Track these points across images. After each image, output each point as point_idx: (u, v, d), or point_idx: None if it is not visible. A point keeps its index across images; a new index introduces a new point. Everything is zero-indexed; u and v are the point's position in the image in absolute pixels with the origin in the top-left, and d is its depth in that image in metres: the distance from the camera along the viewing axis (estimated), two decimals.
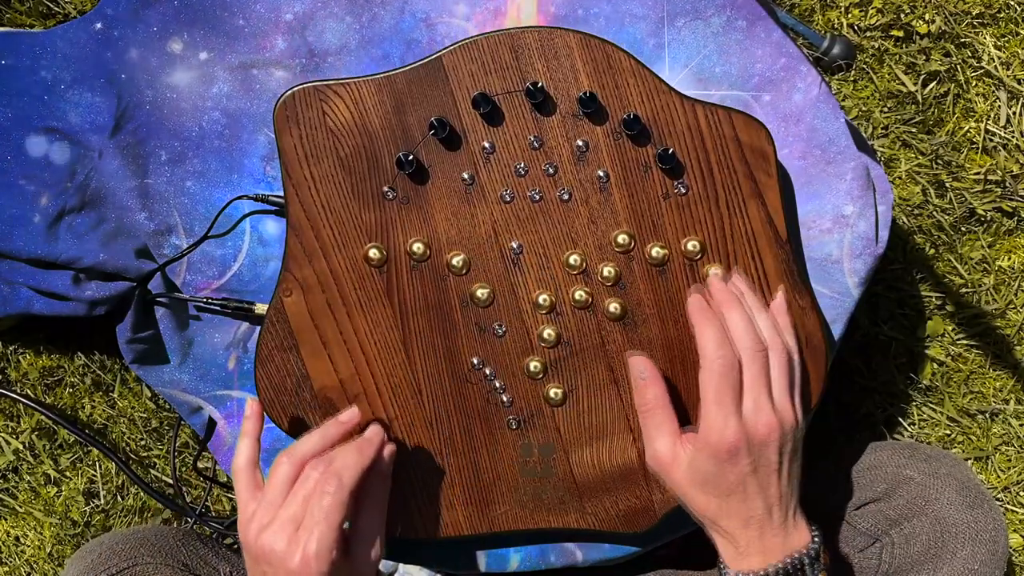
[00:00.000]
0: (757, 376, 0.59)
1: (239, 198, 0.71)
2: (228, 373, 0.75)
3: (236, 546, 0.83)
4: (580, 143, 0.62)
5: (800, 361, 0.63)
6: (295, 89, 0.62)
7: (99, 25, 0.71)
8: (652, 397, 0.63)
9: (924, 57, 1.02)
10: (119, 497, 1.02)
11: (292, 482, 0.60)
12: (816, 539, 0.61)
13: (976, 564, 0.68)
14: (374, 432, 0.64)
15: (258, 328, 0.74)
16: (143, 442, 1.01)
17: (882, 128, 1.02)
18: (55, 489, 1.02)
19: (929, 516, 0.70)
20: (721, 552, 0.62)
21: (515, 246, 0.64)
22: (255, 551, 0.59)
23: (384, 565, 0.91)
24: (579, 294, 0.64)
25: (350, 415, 0.64)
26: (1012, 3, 1.01)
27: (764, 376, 0.60)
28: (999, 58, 1.01)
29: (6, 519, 1.03)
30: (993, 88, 1.01)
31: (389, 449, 0.64)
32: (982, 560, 0.69)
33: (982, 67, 1.01)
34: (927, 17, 1.02)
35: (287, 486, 0.60)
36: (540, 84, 0.60)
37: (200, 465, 1.00)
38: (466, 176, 0.63)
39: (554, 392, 0.66)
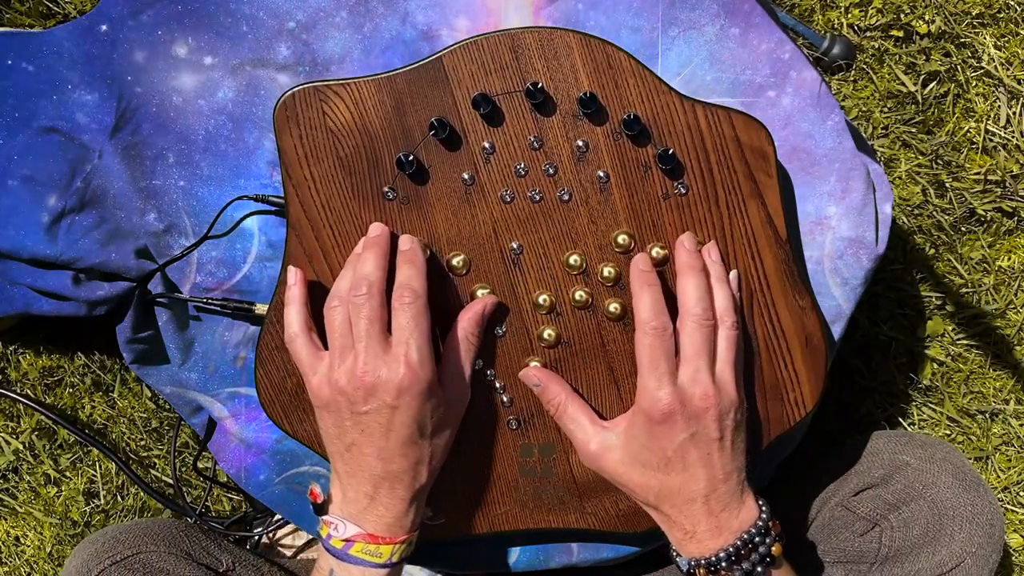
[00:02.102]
0: (700, 346, 0.59)
1: (239, 198, 0.71)
2: (236, 371, 0.75)
3: (235, 541, 0.83)
4: (580, 143, 0.62)
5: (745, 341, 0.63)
6: (295, 89, 0.62)
7: (99, 25, 0.71)
8: (555, 394, 0.64)
9: (924, 57, 1.02)
10: (119, 497, 1.02)
11: (351, 322, 0.59)
12: (764, 512, 0.60)
13: (974, 547, 0.69)
14: (409, 241, 0.62)
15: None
16: (143, 442, 1.01)
17: (882, 128, 1.02)
18: (55, 489, 1.02)
19: (927, 500, 0.71)
20: (670, 539, 0.61)
21: (515, 246, 0.64)
22: (355, 395, 0.58)
23: None
24: (579, 294, 0.64)
25: (376, 230, 0.62)
26: (1012, 3, 1.01)
27: (707, 348, 0.59)
28: (999, 58, 1.01)
29: (6, 519, 1.03)
30: (993, 88, 1.01)
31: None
32: (979, 542, 0.69)
33: (982, 67, 1.01)
34: (927, 17, 1.02)
35: (349, 326, 0.59)
36: (540, 84, 0.60)
37: (200, 465, 1.00)
38: (466, 176, 0.63)
39: None
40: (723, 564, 0.59)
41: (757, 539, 0.59)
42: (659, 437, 0.59)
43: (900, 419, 1.02)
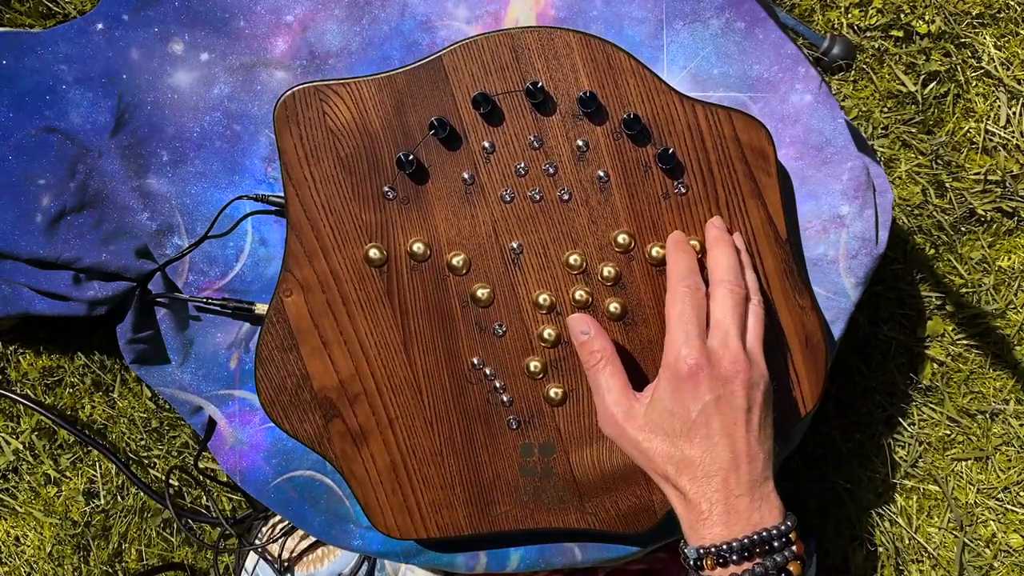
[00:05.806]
0: (730, 312, 0.57)
1: (239, 198, 0.71)
2: (230, 373, 0.75)
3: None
4: (580, 143, 0.62)
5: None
6: (295, 89, 0.62)
7: (99, 25, 0.71)
8: (600, 347, 0.60)
9: (924, 57, 1.02)
10: (119, 497, 1.02)
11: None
12: (790, 521, 0.55)
13: None
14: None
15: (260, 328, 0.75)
16: (143, 442, 1.01)
17: (882, 128, 1.02)
18: (55, 489, 1.02)
19: None
20: (682, 521, 0.56)
21: (515, 246, 0.64)
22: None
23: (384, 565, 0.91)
24: (579, 294, 0.64)
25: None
26: (1012, 3, 1.01)
27: (738, 315, 0.57)
28: (999, 58, 1.01)
29: (6, 519, 1.03)
30: (993, 88, 1.01)
31: None
32: None
33: (982, 67, 1.01)
34: (927, 17, 1.02)
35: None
36: (540, 84, 0.60)
37: (200, 465, 1.00)
38: (466, 176, 0.63)
39: (554, 392, 0.66)
40: (734, 557, 0.53)
41: (775, 543, 0.53)
42: (684, 396, 0.56)
43: (900, 419, 1.02)
